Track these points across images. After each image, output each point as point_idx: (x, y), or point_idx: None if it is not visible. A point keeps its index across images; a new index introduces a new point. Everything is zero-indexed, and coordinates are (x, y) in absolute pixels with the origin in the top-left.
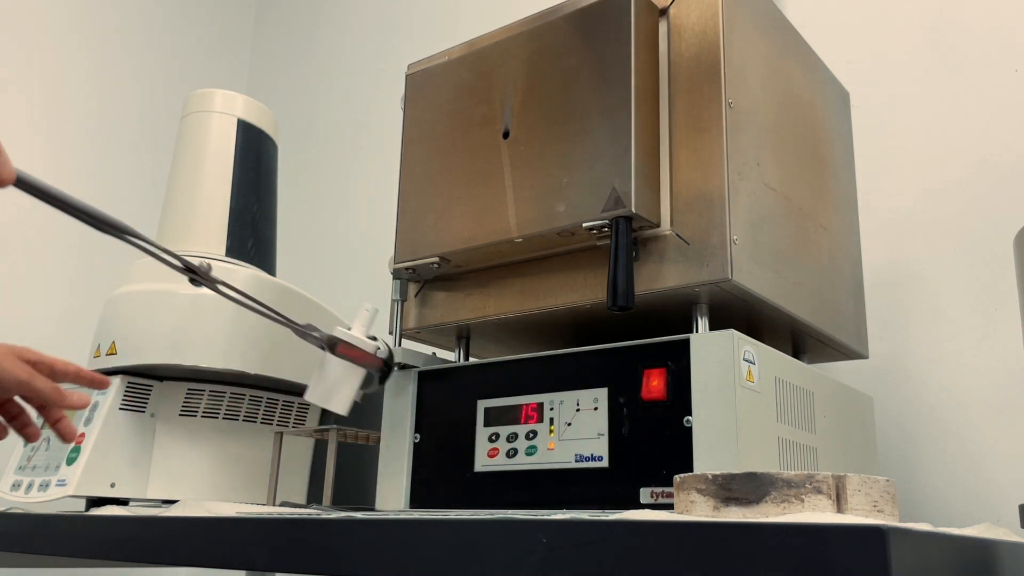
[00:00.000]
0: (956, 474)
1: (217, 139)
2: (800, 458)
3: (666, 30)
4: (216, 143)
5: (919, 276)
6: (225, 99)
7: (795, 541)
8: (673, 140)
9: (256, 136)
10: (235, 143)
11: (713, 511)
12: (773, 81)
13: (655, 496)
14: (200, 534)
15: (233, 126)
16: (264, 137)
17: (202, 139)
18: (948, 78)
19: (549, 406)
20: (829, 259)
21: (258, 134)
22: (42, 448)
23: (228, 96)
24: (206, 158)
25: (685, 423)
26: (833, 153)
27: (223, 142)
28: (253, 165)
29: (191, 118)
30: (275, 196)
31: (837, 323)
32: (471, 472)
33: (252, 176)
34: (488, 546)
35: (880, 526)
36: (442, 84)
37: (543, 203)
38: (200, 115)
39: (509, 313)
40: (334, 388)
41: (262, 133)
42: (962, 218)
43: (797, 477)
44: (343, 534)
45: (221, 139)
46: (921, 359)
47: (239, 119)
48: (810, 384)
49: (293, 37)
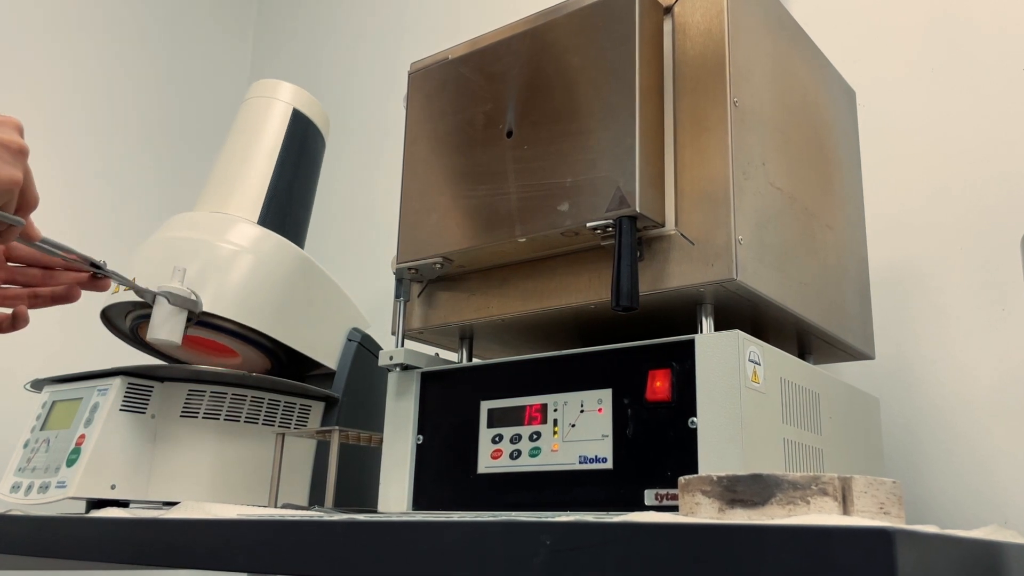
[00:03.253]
0: (963, 476)
1: (272, 122)
2: (806, 460)
3: (670, 28)
4: (271, 125)
5: (926, 276)
6: (287, 90)
7: (801, 543)
8: (678, 139)
9: (306, 126)
10: (287, 128)
11: (718, 513)
12: (779, 80)
13: (660, 498)
14: (202, 536)
15: (288, 114)
16: (314, 130)
17: (259, 120)
18: (955, 77)
19: (553, 407)
20: (835, 259)
21: (309, 126)
22: (42, 450)
23: (291, 88)
24: (259, 136)
25: (690, 424)
26: (839, 152)
27: (277, 125)
28: (299, 151)
29: (253, 101)
30: (314, 185)
31: (843, 324)
32: (474, 474)
33: (295, 159)
34: (491, 548)
35: (886, 528)
36: (445, 83)
37: (547, 203)
38: (262, 100)
39: (513, 313)
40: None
41: (313, 126)
42: (969, 218)
43: (803, 479)
44: (345, 536)
45: (276, 122)
46: (928, 360)
47: (295, 108)
48: (816, 385)
49: (294, 34)
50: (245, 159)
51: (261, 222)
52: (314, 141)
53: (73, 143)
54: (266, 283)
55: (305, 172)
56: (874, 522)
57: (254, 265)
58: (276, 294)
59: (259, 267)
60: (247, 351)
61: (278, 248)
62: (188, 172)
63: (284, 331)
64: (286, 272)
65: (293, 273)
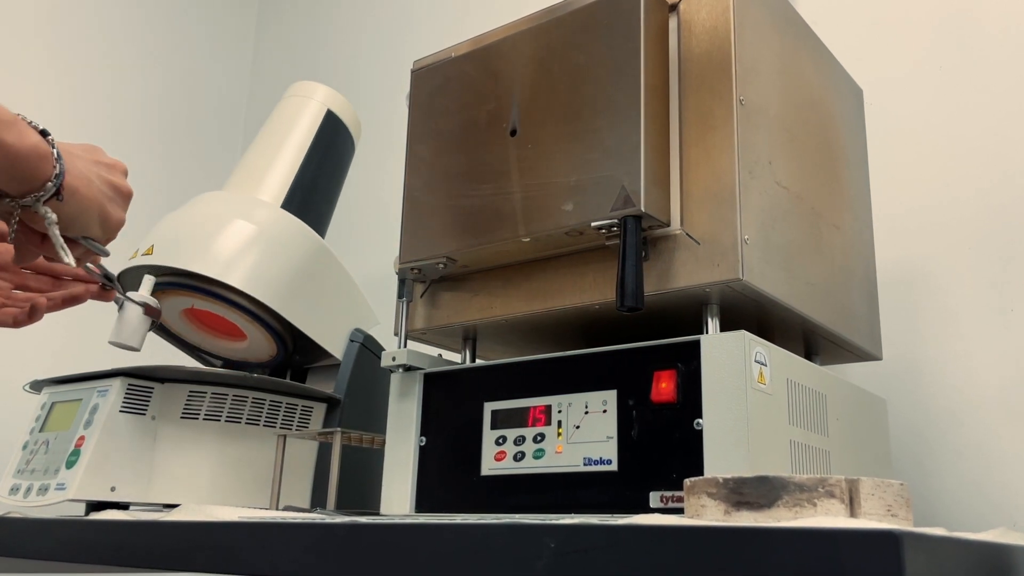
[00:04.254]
0: (971, 477)
1: (305, 118)
2: (812, 461)
3: (676, 26)
4: (303, 121)
5: (933, 276)
6: (323, 91)
7: (807, 546)
8: (683, 138)
9: (336, 126)
10: (319, 126)
11: (724, 515)
12: (785, 78)
13: (665, 500)
14: (202, 539)
15: (322, 113)
16: (344, 131)
17: (294, 116)
18: (963, 75)
19: (557, 408)
20: (842, 259)
21: (340, 126)
22: (41, 451)
23: (328, 90)
24: (291, 131)
25: (695, 426)
26: (846, 151)
27: (309, 122)
28: (327, 147)
29: (292, 99)
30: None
31: (850, 324)
32: (477, 475)
33: (321, 154)
34: (495, 551)
35: (894, 531)
36: (448, 81)
37: (551, 202)
38: (299, 99)
39: (516, 314)
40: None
41: (344, 127)
42: (978, 217)
43: (809, 481)
44: (348, 539)
45: (308, 119)
46: (936, 361)
47: (329, 109)
48: (823, 386)
49: (297, 31)
50: (275, 149)
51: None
52: (343, 141)
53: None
54: (281, 261)
55: (331, 168)
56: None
57: (271, 242)
58: (290, 274)
59: (276, 245)
60: (255, 332)
61: (297, 231)
62: (190, 168)
63: (294, 312)
64: (303, 255)
65: (309, 257)
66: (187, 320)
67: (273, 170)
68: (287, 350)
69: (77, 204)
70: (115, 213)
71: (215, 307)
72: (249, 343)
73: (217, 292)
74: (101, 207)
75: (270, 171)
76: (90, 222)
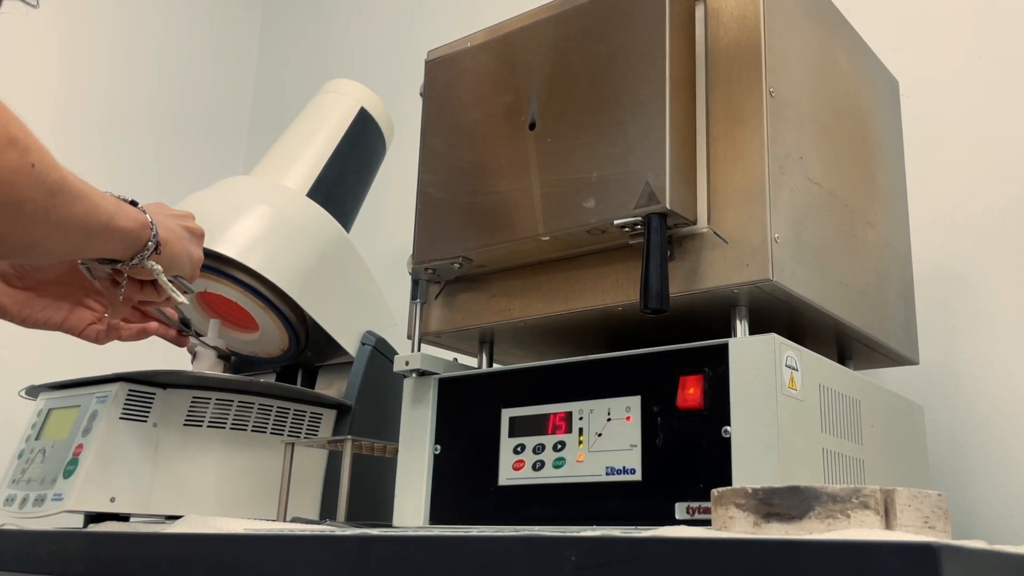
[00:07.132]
0: (1012, 488)
1: (338, 113)
2: (846, 471)
3: (703, 14)
4: (336, 115)
5: (973, 276)
6: (358, 89)
7: (841, 560)
8: (710, 132)
9: (368, 124)
10: (351, 122)
11: (753, 527)
12: (817, 68)
13: (691, 511)
14: (206, 552)
15: (355, 110)
16: (376, 130)
17: (328, 110)
18: (1002, 65)
19: (578, 415)
20: (877, 258)
21: (372, 124)
22: (37, 460)
23: (363, 89)
24: (322, 124)
25: (723, 433)
26: (881, 145)
27: (341, 117)
28: (357, 143)
29: (326, 95)
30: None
31: (885, 327)
32: (495, 486)
33: (349, 149)
34: (513, 565)
35: (932, 544)
36: (464, 72)
37: (572, 199)
38: (335, 95)
39: (535, 316)
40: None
41: (376, 126)
42: (1018, 214)
43: (843, 491)
44: (358, 552)
45: (340, 114)
46: (975, 365)
47: (362, 107)
48: (857, 392)
49: (304, 21)
50: (309, 139)
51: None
52: (374, 139)
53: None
54: (301, 248)
55: (360, 164)
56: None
57: (292, 228)
58: (310, 263)
59: (297, 231)
60: (268, 322)
61: (321, 219)
62: (191, 163)
63: (310, 302)
64: (324, 244)
65: (331, 248)
66: (200, 306)
67: (301, 160)
68: (299, 344)
69: (169, 252)
70: (196, 252)
71: (230, 291)
72: (261, 334)
73: (233, 275)
74: (187, 250)
75: (297, 160)
76: (182, 264)
